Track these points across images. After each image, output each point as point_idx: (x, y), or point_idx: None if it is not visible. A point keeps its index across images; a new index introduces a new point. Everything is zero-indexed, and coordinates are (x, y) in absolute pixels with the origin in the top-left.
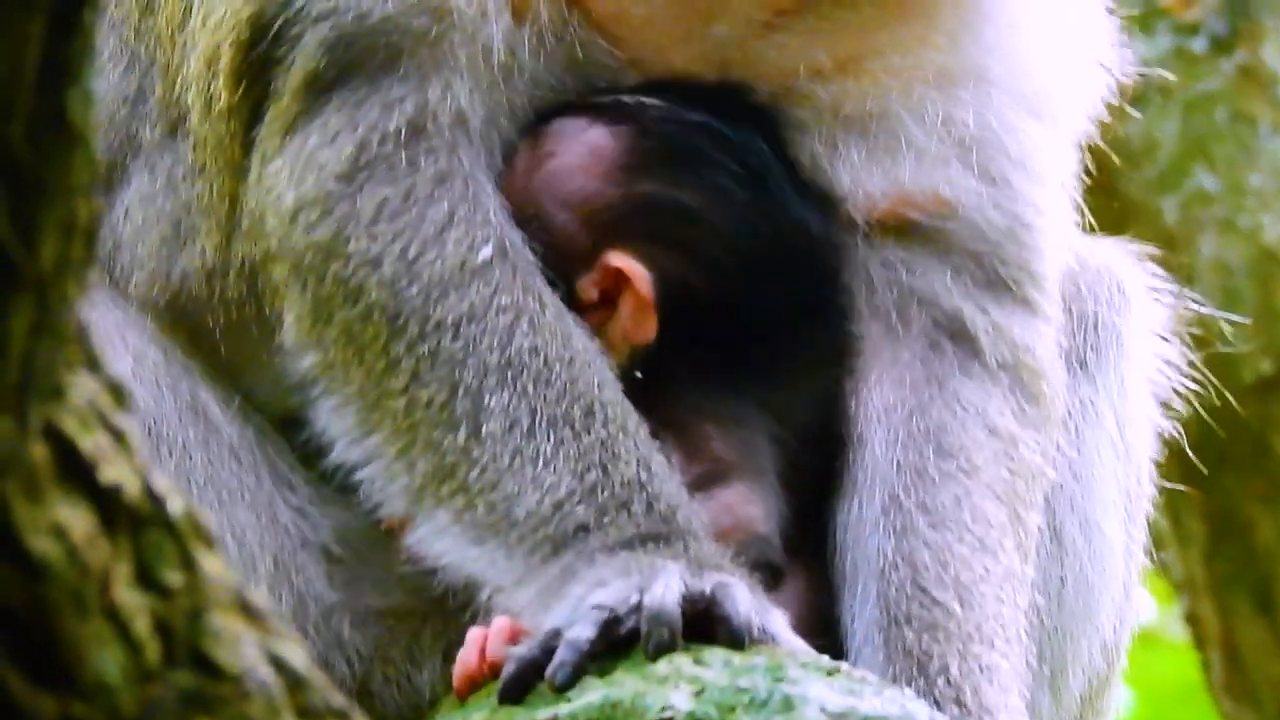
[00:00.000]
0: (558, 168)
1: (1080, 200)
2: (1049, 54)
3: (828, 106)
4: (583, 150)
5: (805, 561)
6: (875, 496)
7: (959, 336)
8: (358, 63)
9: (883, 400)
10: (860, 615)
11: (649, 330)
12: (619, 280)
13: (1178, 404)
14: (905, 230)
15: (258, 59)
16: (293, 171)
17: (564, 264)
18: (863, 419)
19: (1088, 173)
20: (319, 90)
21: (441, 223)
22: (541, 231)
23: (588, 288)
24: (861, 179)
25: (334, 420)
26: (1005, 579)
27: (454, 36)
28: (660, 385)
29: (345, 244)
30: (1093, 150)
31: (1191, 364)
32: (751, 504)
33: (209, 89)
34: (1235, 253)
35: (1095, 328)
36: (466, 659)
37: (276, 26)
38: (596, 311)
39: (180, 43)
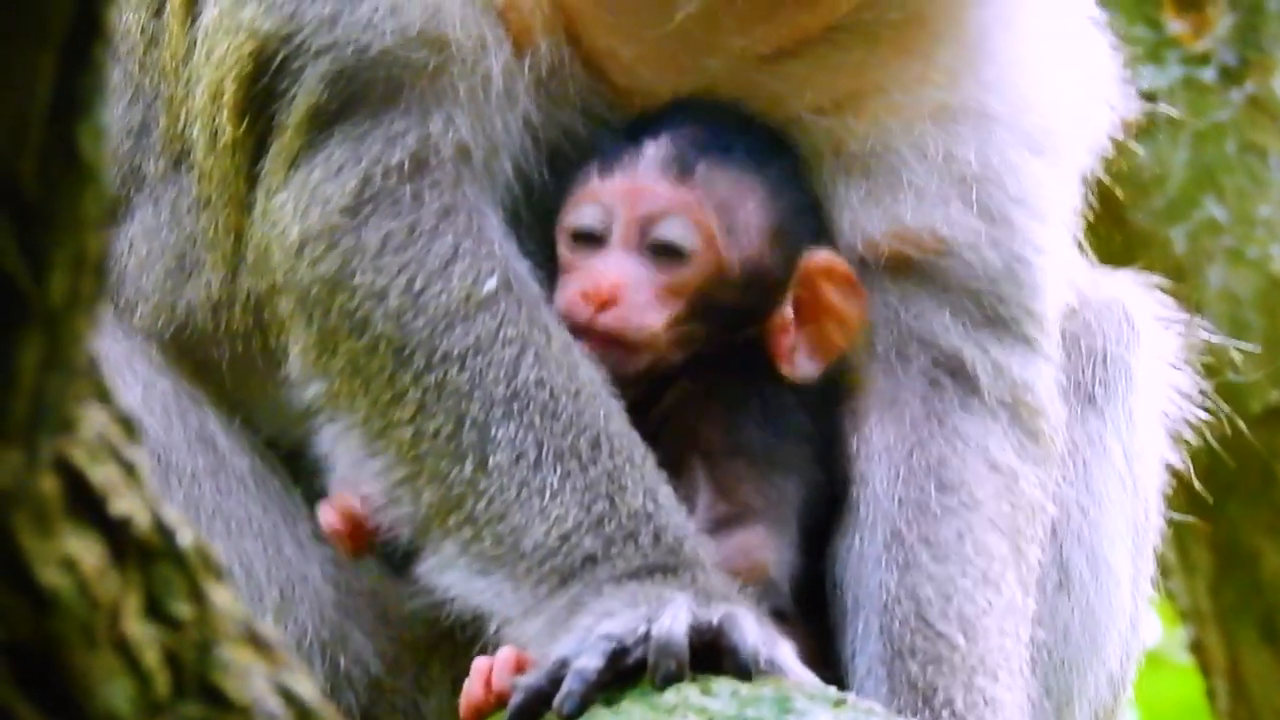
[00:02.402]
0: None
1: (1088, 231)
2: (1051, 90)
3: (827, 144)
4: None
5: (806, 597)
6: (877, 532)
7: (958, 374)
8: (359, 96)
9: (883, 437)
10: (863, 649)
11: (864, 309)
12: (811, 283)
13: (1187, 434)
14: (904, 269)
15: (260, 93)
16: (297, 205)
17: (760, 307)
18: (863, 456)
19: (1096, 202)
20: (322, 124)
21: (446, 256)
22: (739, 287)
23: (785, 309)
24: (861, 218)
25: (339, 450)
26: (1008, 612)
27: (453, 69)
28: (709, 414)
29: (351, 277)
30: (1101, 181)
31: (1201, 393)
32: (767, 549)
33: (214, 123)
34: (1244, 283)
35: (1104, 362)
36: (471, 690)
37: (278, 61)
38: (787, 334)
39: (184, 76)
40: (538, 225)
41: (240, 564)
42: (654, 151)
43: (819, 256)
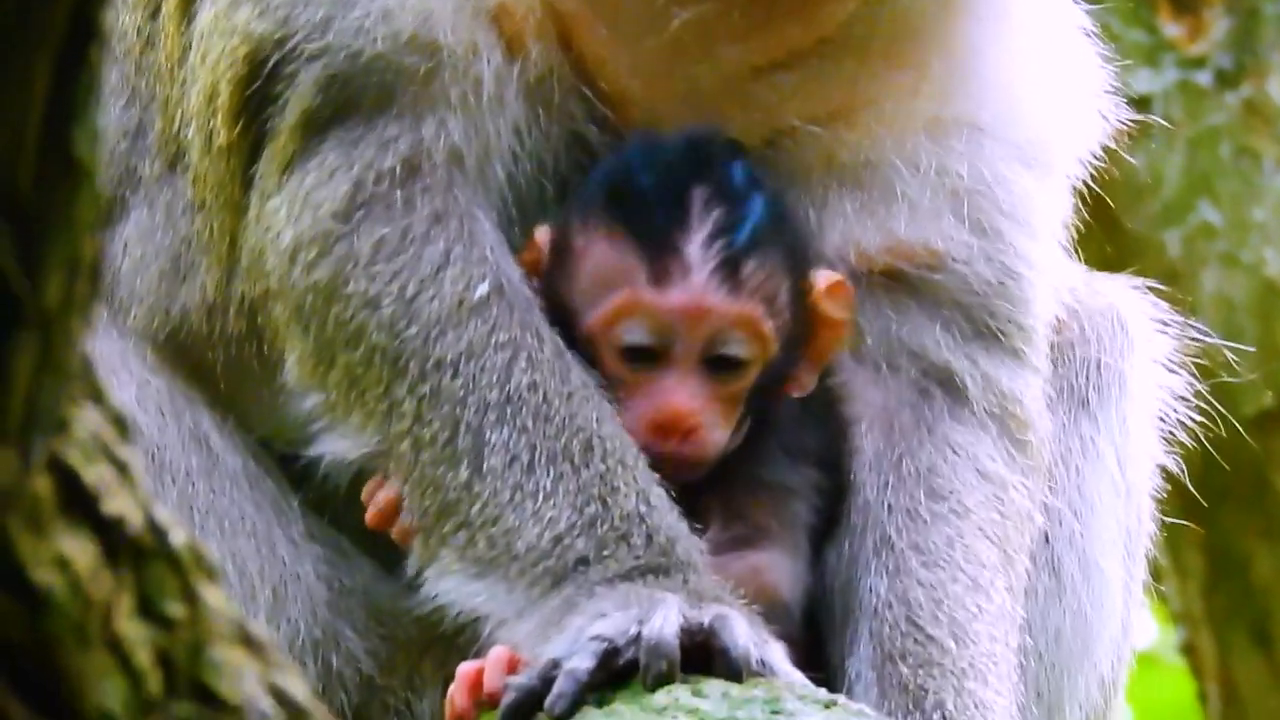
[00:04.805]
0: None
1: (1083, 237)
2: (1042, 103)
3: (819, 156)
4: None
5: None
6: (868, 538)
7: (948, 385)
8: (353, 101)
9: (873, 445)
10: (853, 653)
11: (852, 306)
12: (813, 305)
13: (1181, 437)
14: (895, 281)
15: (254, 97)
16: (290, 210)
17: (790, 364)
18: (854, 463)
19: (1090, 208)
20: (315, 129)
21: (438, 262)
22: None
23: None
24: (855, 229)
25: (338, 458)
26: (998, 618)
27: (445, 74)
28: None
29: (344, 285)
30: (1096, 184)
31: (1195, 396)
32: (779, 570)
33: (209, 126)
34: (1238, 287)
35: (1098, 368)
36: (454, 697)
37: (271, 65)
38: (797, 351)
39: (180, 78)
40: (529, 230)
41: (233, 563)
42: (701, 258)
43: (820, 282)
